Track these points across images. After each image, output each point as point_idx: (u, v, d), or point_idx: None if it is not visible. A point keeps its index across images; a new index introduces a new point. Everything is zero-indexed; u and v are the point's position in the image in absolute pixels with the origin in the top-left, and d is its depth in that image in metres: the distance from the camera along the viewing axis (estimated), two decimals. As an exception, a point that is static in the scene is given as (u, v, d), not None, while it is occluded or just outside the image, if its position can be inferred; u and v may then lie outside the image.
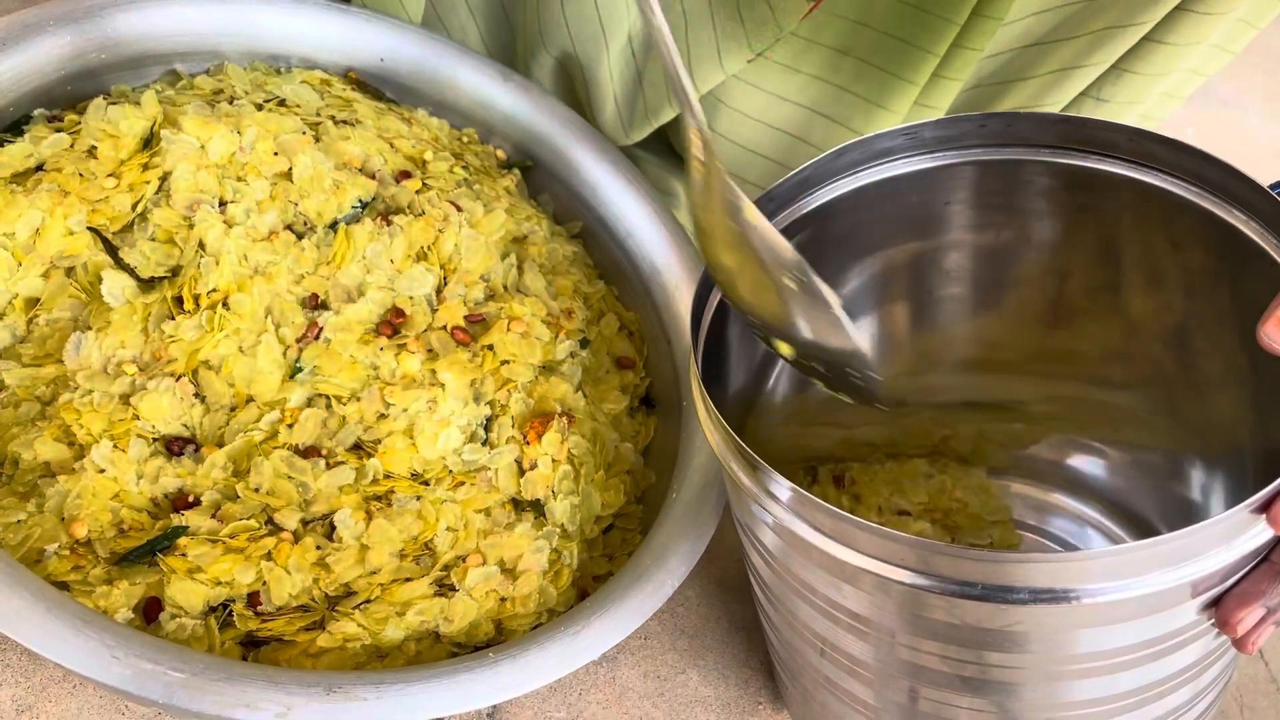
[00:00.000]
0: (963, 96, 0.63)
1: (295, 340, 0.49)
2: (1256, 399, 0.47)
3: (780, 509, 0.39)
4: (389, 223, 0.53)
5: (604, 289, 0.61)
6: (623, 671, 0.55)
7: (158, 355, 0.47)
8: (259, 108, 0.55)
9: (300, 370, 0.49)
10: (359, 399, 0.49)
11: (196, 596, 0.43)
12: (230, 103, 0.54)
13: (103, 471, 0.44)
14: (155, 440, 0.46)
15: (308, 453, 0.48)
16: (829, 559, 0.38)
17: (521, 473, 0.51)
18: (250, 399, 0.48)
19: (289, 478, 0.46)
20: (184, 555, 0.44)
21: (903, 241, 0.53)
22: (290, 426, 0.48)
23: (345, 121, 0.57)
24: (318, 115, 0.56)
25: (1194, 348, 0.49)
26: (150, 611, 0.43)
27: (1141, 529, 0.56)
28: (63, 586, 0.42)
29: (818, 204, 0.50)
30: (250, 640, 0.44)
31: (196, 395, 0.47)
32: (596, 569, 0.52)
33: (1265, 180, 0.43)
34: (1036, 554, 0.35)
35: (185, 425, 0.47)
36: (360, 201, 0.54)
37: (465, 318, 0.53)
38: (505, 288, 0.55)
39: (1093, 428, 0.56)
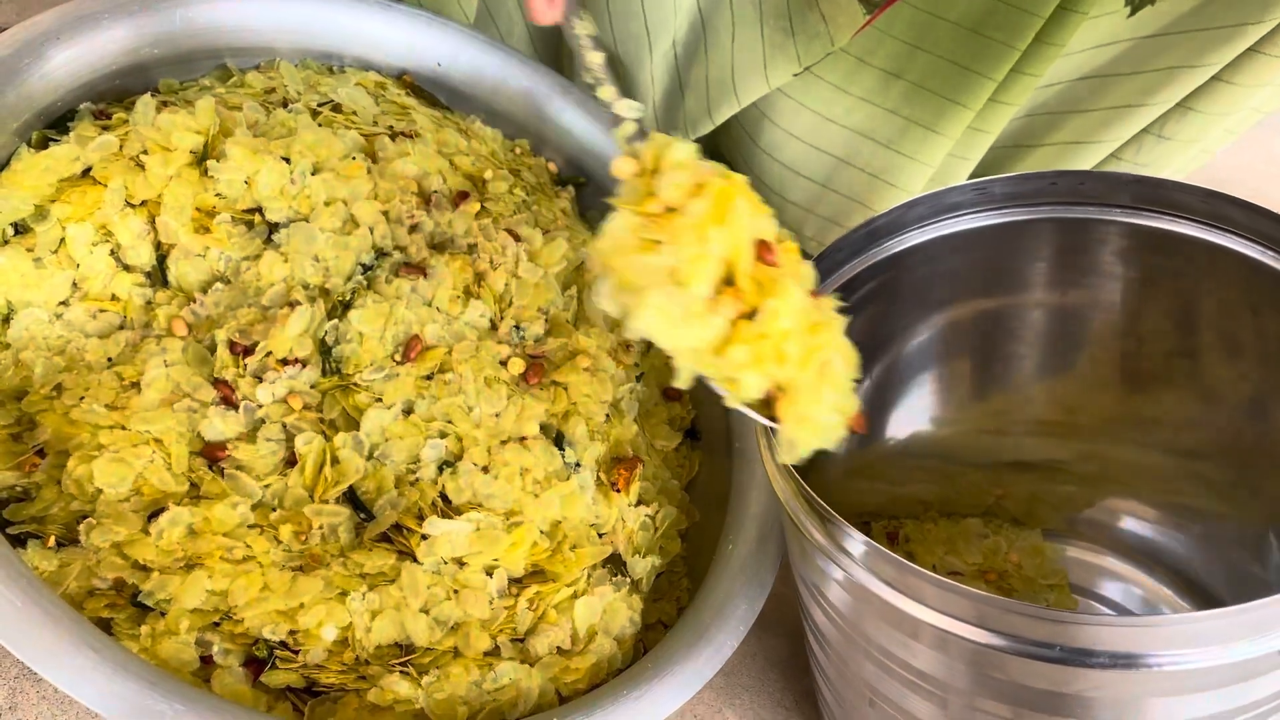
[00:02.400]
0: (1016, 124, 0.62)
1: None
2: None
3: (854, 565, 0.38)
4: (426, 276, 0.50)
5: (655, 316, 0.59)
6: (661, 715, 0.54)
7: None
8: (314, 114, 0.52)
9: None
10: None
11: None
12: (284, 106, 0.52)
13: None
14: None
15: None
16: (903, 616, 0.37)
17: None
18: None
19: None
20: None
21: (970, 297, 0.52)
22: None
23: (403, 133, 0.54)
24: (375, 124, 0.54)
25: (1273, 419, 0.48)
26: None
27: (1208, 602, 0.55)
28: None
29: (889, 254, 0.49)
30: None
31: None
32: (646, 617, 0.51)
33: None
34: (1119, 617, 0.33)
35: None
36: (362, 266, 0.49)
37: (529, 356, 0.51)
38: (568, 321, 0.53)
39: (1160, 495, 0.55)
